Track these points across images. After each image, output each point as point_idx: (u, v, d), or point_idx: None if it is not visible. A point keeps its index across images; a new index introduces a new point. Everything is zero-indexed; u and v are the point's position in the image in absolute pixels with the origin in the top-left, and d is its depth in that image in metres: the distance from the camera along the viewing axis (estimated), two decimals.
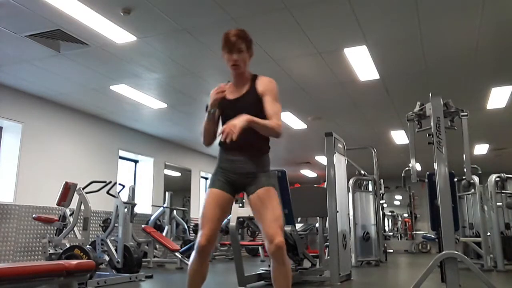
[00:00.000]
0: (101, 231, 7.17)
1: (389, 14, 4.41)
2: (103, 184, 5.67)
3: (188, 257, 7.25)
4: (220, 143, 2.17)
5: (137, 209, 6.49)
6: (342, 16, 4.41)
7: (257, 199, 2.10)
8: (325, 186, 5.01)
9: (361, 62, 5.55)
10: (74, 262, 2.50)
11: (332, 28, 4.68)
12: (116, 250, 5.31)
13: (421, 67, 5.74)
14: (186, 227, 8.73)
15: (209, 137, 2.23)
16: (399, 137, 9.58)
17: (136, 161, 9.64)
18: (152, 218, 8.13)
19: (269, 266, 2.18)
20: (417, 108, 3.97)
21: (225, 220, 9.59)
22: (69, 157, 7.36)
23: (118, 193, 5.73)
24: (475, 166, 6.66)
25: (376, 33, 4.80)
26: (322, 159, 11.90)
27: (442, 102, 3.72)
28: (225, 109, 2.19)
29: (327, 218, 4.86)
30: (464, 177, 4.61)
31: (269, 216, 2.05)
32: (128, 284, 4.79)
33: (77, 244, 4.88)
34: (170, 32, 4.74)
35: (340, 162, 5.26)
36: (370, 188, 8.23)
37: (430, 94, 3.78)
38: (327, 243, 5.08)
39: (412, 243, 14.37)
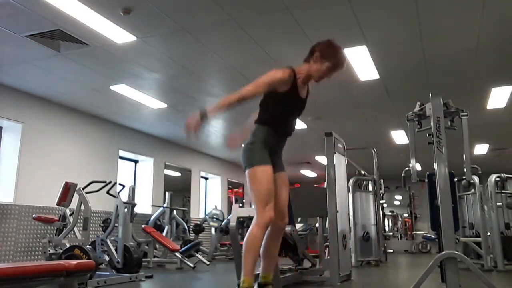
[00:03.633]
0: (101, 231, 7.17)
1: (389, 14, 4.41)
2: (103, 184, 5.66)
3: (188, 257, 7.26)
4: (274, 126, 2.52)
5: (137, 209, 6.48)
6: (342, 16, 4.41)
7: (282, 179, 2.54)
8: (325, 186, 5.01)
9: (361, 62, 5.55)
10: (74, 262, 2.50)
11: (332, 28, 4.68)
12: (116, 250, 5.31)
13: (421, 67, 5.74)
14: (186, 227, 8.72)
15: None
16: (399, 137, 9.58)
17: (136, 161, 9.64)
18: (152, 218, 8.12)
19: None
20: (417, 108, 3.96)
21: (225, 220, 9.65)
22: (69, 157, 7.36)
23: (118, 193, 5.73)
24: (475, 166, 6.66)
25: (376, 33, 4.80)
26: (322, 159, 11.90)
27: (442, 102, 3.72)
28: (296, 103, 2.58)
29: (327, 218, 4.86)
30: (464, 177, 4.62)
31: (286, 197, 2.51)
32: (128, 284, 4.79)
33: (77, 244, 4.88)
34: (170, 32, 4.74)
35: (340, 162, 5.26)
36: (370, 188, 8.23)
37: (430, 94, 3.78)
38: (327, 243, 5.08)
39: (412, 243, 14.36)
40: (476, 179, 6.70)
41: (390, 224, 15.20)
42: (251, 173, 2.35)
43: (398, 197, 15.58)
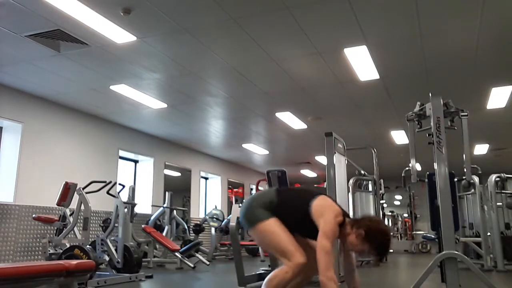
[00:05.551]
0: (101, 231, 7.17)
1: (389, 14, 4.41)
2: (103, 184, 5.67)
3: (188, 257, 7.27)
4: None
5: (137, 209, 6.48)
6: (342, 16, 4.41)
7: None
8: (325, 186, 5.01)
9: (361, 62, 5.54)
10: (74, 262, 2.50)
11: (332, 28, 4.68)
12: (116, 250, 5.31)
13: (421, 67, 5.74)
14: (186, 227, 8.73)
15: None
16: (399, 137, 9.58)
17: (136, 161, 9.64)
18: (152, 218, 8.13)
19: (269, 266, 2.27)
20: (417, 108, 3.97)
21: (225, 220, 9.65)
22: (69, 157, 7.36)
23: (118, 193, 5.74)
24: (475, 166, 6.66)
25: (376, 33, 4.80)
26: (322, 159, 11.90)
27: (442, 102, 3.72)
28: None
29: None
30: (464, 177, 4.62)
31: None
32: (128, 284, 4.79)
33: (77, 244, 4.89)
34: (170, 32, 4.74)
35: (340, 162, 5.26)
36: (370, 188, 8.23)
37: (430, 94, 3.78)
38: None
39: (412, 243, 14.37)
40: (476, 179, 6.70)
41: (390, 224, 15.20)
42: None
43: (398, 197, 15.58)
